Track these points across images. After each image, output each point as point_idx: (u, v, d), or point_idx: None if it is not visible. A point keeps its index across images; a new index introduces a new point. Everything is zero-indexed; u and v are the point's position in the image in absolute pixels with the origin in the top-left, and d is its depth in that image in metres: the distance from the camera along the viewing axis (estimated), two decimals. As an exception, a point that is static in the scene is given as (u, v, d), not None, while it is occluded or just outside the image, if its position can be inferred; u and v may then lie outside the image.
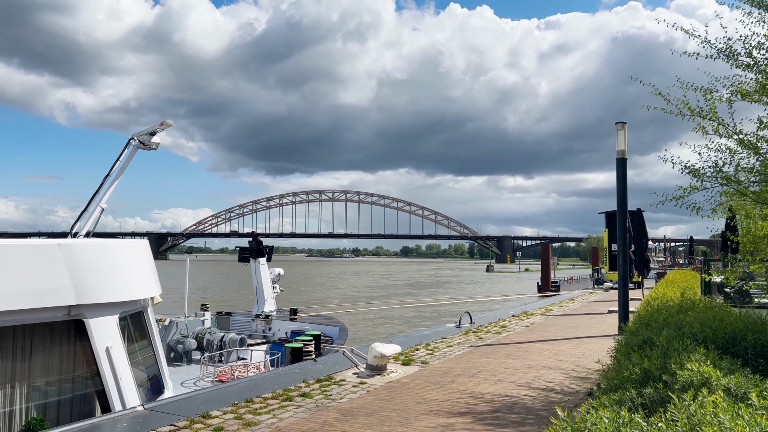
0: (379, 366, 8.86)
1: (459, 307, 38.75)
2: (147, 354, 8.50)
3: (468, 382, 8.25)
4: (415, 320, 32.55)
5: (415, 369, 9.30)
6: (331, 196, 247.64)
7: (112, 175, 11.68)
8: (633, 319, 8.84)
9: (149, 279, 8.51)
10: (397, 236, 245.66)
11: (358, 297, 49.34)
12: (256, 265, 18.04)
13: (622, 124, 13.28)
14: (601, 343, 11.91)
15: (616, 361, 5.92)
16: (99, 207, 11.39)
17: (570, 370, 9.03)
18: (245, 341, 14.85)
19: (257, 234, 19.05)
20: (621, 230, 13.16)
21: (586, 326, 14.79)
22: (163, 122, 12.07)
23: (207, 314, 16.19)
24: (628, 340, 6.52)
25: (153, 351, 8.57)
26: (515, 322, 15.93)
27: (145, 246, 8.75)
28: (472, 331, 13.71)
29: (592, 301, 23.34)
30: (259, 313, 17.43)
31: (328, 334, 15.62)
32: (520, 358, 10.14)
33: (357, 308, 31.58)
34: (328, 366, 9.30)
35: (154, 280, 8.74)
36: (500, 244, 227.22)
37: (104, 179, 11.53)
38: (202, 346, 14.83)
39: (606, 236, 34.42)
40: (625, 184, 13.17)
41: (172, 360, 14.77)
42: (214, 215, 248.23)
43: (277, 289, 18.97)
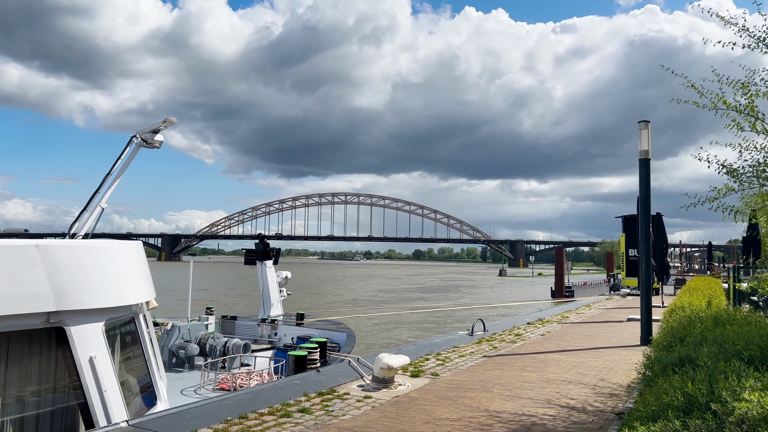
0: (385, 378, 8.26)
1: (471, 313, 38.01)
2: (139, 364, 7.96)
3: (481, 397, 7.63)
4: (426, 326, 31.91)
5: (424, 381, 8.69)
6: (344, 199, 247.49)
7: (113, 174, 11.20)
8: (661, 330, 8.18)
9: (142, 283, 7.97)
10: (409, 239, 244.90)
11: (368, 301, 48.77)
12: (263, 268, 17.52)
13: (645, 123, 12.61)
14: (623, 354, 11.22)
15: (650, 381, 5.28)
16: (99, 207, 10.92)
17: (592, 385, 8.37)
18: (249, 347, 14.32)
19: (264, 236, 18.55)
20: (644, 234, 12.47)
21: (605, 335, 14.08)
22: (166, 119, 11.59)
23: (211, 318, 15.69)
24: (660, 356, 5.87)
25: (145, 360, 8.03)
26: (530, 329, 15.25)
27: (137, 248, 8.22)
28: (486, 340, 13.07)
29: (609, 308, 22.57)
30: (265, 318, 16.90)
31: (334, 340, 15.04)
32: (537, 371, 9.49)
33: (366, 313, 30.99)
34: (331, 377, 8.72)
35: (147, 284, 8.20)
36: (513, 248, 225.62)
37: (105, 178, 11.06)
38: (204, 351, 14.33)
39: (623, 241, 33.53)
40: (648, 186, 12.49)
41: (174, 366, 14.28)
42: (227, 217, 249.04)
43: (284, 292, 18.44)
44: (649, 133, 12.63)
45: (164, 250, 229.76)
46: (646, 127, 12.61)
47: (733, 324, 6.62)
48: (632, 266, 32.98)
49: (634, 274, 32.85)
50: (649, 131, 12.62)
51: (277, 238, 28.46)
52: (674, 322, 8.17)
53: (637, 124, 12.67)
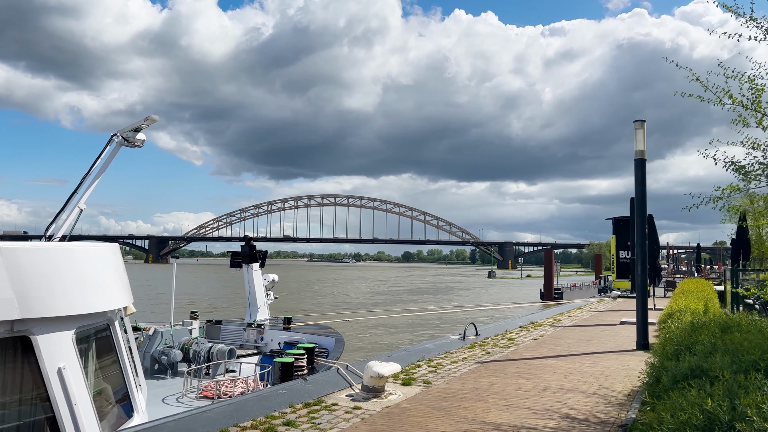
0: (375, 387, 7.87)
1: (461, 315, 37.69)
2: (114, 374, 7.50)
3: (477, 407, 7.26)
4: (416, 329, 31.54)
5: (416, 390, 8.31)
6: (333, 201, 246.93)
7: (92, 174, 10.72)
8: (662, 336, 7.87)
9: (117, 287, 7.51)
10: (398, 241, 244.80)
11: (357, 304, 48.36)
12: (249, 271, 17.06)
13: (641, 123, 12.33)
14: (620, 360, 10.91)
15: (660, 393, 4.94)
16: (77, 208, 10.45)
17: (592, 393, 8.03)
18: (234, 353, 13.86)
19: (250, 238, 18.09)
20: (640, 236, 12.17)
21: (599, 339, 13.78)
22: (148, 117, 11.14)
23: (195, 323, 15.21)
24: (668, 365, 5.53)
25: (121, 370, 7.57)
26: (523, 333, 14.92)
27: (112, 250, 7.76)
28: (478, 345, 12.71)
29: (601, 311, 22.32)
30: (251, 322, 16.44)
31: (323, 345, 14.63)
32: (533, 378, 9.14)
33: (355, 317, 30.57)
34: (319, 386, 8.31)
35: (123, 289, 7.74)
36: (502, 250, 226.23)
37: (84, 178, 10.59)
38: (188, 357, 13.85)
39: (613, 243, 33.43)
40: (644, 186, 12.20)
41: (156, 372, 13.79)
42: (216, 219, 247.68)
43: (271, 296, 17.98)
44: (645, 133, 12.35)
45: (151, 252, 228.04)
46: (642, 126, 12.33)
47: (742, 331, 6.31)
48: (623, 268, 32.85)
49: (625, 276, 32.75)
50: (644, 131, 12.34)
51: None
52: (676, 327, 7.86)
53: (633, 124, 12.39)
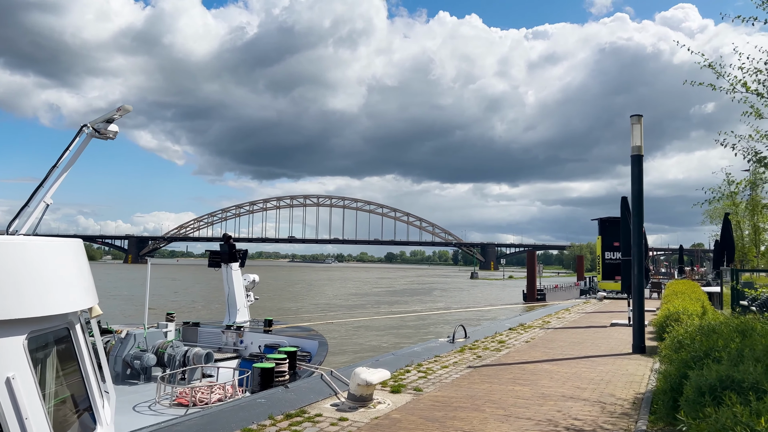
0: (363, 396, 7.28)
1: (447, 316, 37.20)
2: (75, 382, 6.79)
3: (473, 418, 6.70)
4: (402, 331, 30.97)
5: (406, 398, 7.73)
6: (316, 201, 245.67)
7: (59, 167, 9.95)
8: (668, 340, 7.39)
9: (79, 288, 6.79)
10: (381, 242, 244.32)
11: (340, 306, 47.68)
12: (228, 271, 16.35)
13: (638, 117, 11.89)
14: (618, 364, 10.44)
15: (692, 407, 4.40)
16: (43, 202, 9.69)
17: (594, 401, 7.51)
18: (212, 356, 13.16)
19: (229, 236, 17.37)
20: (636, 235, 11.73)
21: (592, 342, 13.33)
22: (121, 107, 10.40)
23: (171, 325, 14.46)
24: (690, 374, 5.01)
25: (83, 378, 6.87)
26: (513, 336, 14.43)
27: (74, 246, 7.04)
28: (468, 348, 12.18)
29: (589, 312, 21.96)
30: (230, 324, 15.73)
31: (305, 348, 13.99)
32: (529, 384, 8.62)
33: (339, 318, 29.91)
34: (301, 394, 7.69)
35: (86, 289, 7.02)
36: (484, 251, 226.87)
37: (50, 171, 9.84)
38: (162, 361, 13.12)
39: (599, 244, 33.13)
40: (640, 183, 11.76)
41: (128, 378, 13.04)
42: (197, 219, 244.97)
43: (251, 297, 17.28)
44: (642, 128, 11.91)
45: (131, 253, 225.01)
46: (639, 121, 11.90)
47: (763, 335, 5.81)
48: (609, 269, 32.57)
49: (611, 277, 32.48)
50: (641, 126, 11.91)
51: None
52: (684, 331, 7.37)
53: (630, 119, 11.95)
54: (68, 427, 6.44)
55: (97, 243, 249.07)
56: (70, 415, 6.65)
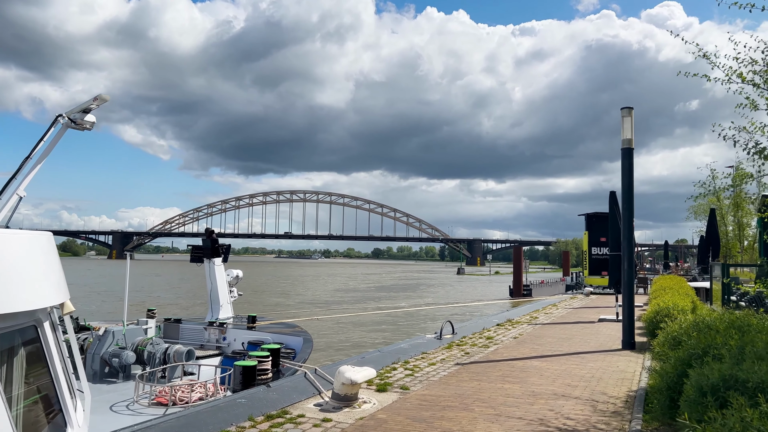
0: (348, 395, 7.00)
1: (433, 312, 37.04)
2: (43, 384, 6.45)
3: (462, 418, 6.45)
4: (389, 327, 30.74)
5: (392, 397, 7.46)
6: (303, 197, 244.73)
7: (33, 158, 9.54)
8: (662, 337, 7.21)
9: (49, 283, 6.44)
10: (368, 238, 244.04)
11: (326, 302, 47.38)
12: (211, 266, 15.99)
13: (628, 110, 11.70)
14: (608, 361, 10.25)
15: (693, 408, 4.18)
16: (16, 195, 9.29)
17: (586, 399, 7.30)
18: (193, 354, 12.82)
19: (212, 231, 17.00)
20: (627, 229, 11.55)
21: (581, 338, 13.16)
22: (98, 97, 10.00)
23: (151, 322, 14.10)
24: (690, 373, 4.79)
25: (52, 379, 6.52)
26: (501, 332, 14.23)
27: (43, 240, 6.68)
28: (456, 344, 11.95)
29: (576, 308, 21.86)
30: (213, 321, 15.38)
31: (290, 345, 13.70)
32: (519, 382, 8.39)
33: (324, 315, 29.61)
34: (284, 394, 7.40)
35: (56, 284, 6.67)
36: (470, 246, 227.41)
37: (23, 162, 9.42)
38: (142, 359, 12.77)
39: (586, 239, 33.10)
40: (631, 177, 11.58)
41: (107, 376, 12.67)
42: (182, 214, 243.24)
43: (234, 293, 16.93)
44: (633, 120, 11.73)
45: (115, 248, 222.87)
46: (629, 114, 11.71)
47: (760, 331, 5.61)
48: (596, 264, 32.59)
49: (598, 273, 32.43)
50: (632, 119, 11.72)
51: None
52: (678, 327, 7.18)
53: (620, 111, 11.76)
54: (37, 430, 6.10)
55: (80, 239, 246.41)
56: (38, 418, 6.30)
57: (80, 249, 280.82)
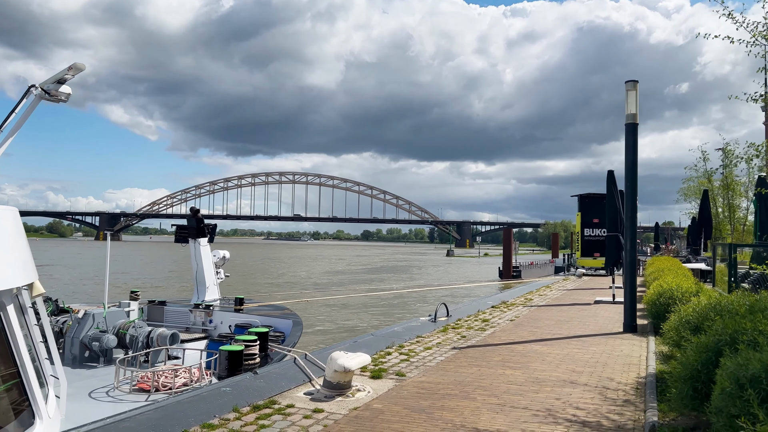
0: (340, 383, 6.52)
1: (425, 294, 36.71)
2: (8, 373, 5.91)
3: (464, 407, 6.00)
4: (381, 309, 30.35)
5: (388, 385, 7.00)
6: (292, 179, 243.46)
7: (4, 131, 8.90)
8: (676, 321, 6.78)
9: (13, 262, 5.86)
10: (358, 220, 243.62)
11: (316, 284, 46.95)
12: (196, 247, 15.40)
13: (633, 83, 11.19)
14: (610, 344, 9.86)
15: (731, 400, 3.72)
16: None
17: (593, 386, 6.88)
18: (178, 337, 12.26)
19: (197, 210, 16.39)
20: (630, 209, 11.10)
21: (579, 321, 12.78)
22: (72, 66, 9.31)
23: (133, 304, 13.52)
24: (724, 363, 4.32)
25: (18, 367, 5.98)
26: (497, 314, 13.83)
27: (7, 216, 6.10)
28: (451, 327, 11.52)
29: (570, 290, 21.53)
30: (199, 303, 14.84)
31: (279, 328, 13.21)
32: (521, 367, 7.96)
33: (314, 297, 29.14)
34: (271, 381, 6.91)
35: (23, 264, 6.10)
36: (460, 229, 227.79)
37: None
38: (124, 343, 12.22)
39: (579, 220, 32.84)
40: (635, 153, 11.10)
41: (87, 360, 12.12)
42: (170, 196, 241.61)
43: (221, 274, 16.37)
44: (637, 95, 11.22)
45: (102, 229, 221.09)
46: (634, 87, 11.20)
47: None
48: (588, 246, 32.36)
49: (590, 254, 32.28)
50: (637, 93, 11.21)
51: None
52: (692, 310, 6.74)
53: (624, 85, 11.24)
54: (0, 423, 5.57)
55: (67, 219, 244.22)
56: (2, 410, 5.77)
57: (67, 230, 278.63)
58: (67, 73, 9.32)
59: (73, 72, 9.32)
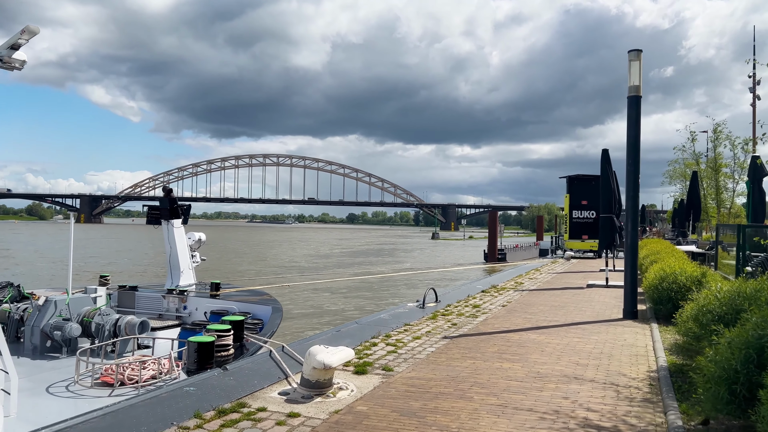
0: (320, 382, 5.75)
1: (412, 278, 36.07)
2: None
3: (460, 409, 5.27)
4: (366, 294, 29.64)
5: (374, 381, 6.24)
6: (276, 161, 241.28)
7: None
8: (694, 310, 6.09)
9: None
10: (343, 203, 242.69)
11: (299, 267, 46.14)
12: (170, 229, 14.49)
13: (636, 53, 10.43)
14: (612, 332, 9.21)
15: None
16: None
17: (602, 382, 6.18)
18: (148, 325, 11.40)
19: (170, 189, 15.44)
20: (632, 187, 10.39)
21: (575, 306, 12.14)
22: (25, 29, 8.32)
23: (101, 290, 12.62)
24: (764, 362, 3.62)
25: None
26: (488, 299, 13.15)
27: None
28: (441, 314, 10.81)
29: (560, 273, 20.96)
30: (173, 288, 13.97)
31: (257, 315, 12.42)
32: (519, 359, 7.25)
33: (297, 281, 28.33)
34: (243, 379, 6.13)
35: None
36: (445, 212, 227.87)
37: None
38: (89, 332, 11.35)
39: (567, 202, 32.24)
40: (638, 128, 10.37)
41: (48, 351, 11.25)
42: (152, 178, 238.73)
43: (197, 257, 15.50)
44: (641, 65, 10.46)
45: (83, 212, 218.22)
46: (638, 57, 10.43)
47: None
48: (576, 228, 31.80)
49: (578, 237, 31.73)
50: (640, 63, 10.45)
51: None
52: (713, 298, 6.05)
53: (627, 54, 10.47)
54: None
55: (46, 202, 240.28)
56: None
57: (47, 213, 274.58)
58: (20, 38, 8.25)
59: (27, 36, 8.26)
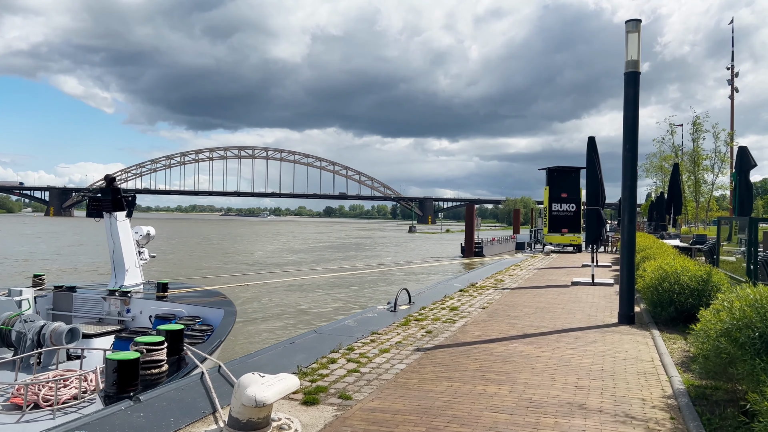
0: (252, 421, 4.40)
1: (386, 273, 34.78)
2: None
3: (433, 461, 3.98)
4: (335, 292, 28.25)
5: (325, 416, 4.92)
6: (252, 153, 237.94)
7: None
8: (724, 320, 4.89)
9: None
10: (319, 196, 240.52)
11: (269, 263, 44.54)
12: (112, 222, 12.97)
13: (635, 23, 9.23)
14: (610, 341, 8.01)
15: None
16: None
17: (611, 413, 4.94)
18: (78, 333, 9.92)
19: (113, 178, 13.89)
20: (629, 176, 9.21)
21: (562, 308, 10.96)
22: None
23: (27, 291, 11.10)
24: None
25: None
26: (466, 300, 11.93)
27: None
28: (414, 319, 9.53)
29: (541, 268, 19.86)
30: (115, 289, 12.48)
31: (208, 320, 11.01)
32: (506, 380, 5.99)
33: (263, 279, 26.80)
34: (156, 415, 4.77)
35: None
36: (422, 205, 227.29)
37: None
38: (9, 341, 9.85)
39: (546, 194, 31.23)
40: (636, 107, 9.18)
41: (-40, 364, 9.71)
42: (124, 170, 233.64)
43: (145, 254, 13.99)
44: (640, 38, 9.26)
45: (53, 205, 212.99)
46: (636, 28, 9.23)
47: None
48: (556, 221, 30.83)
49: (558, 230, 30.75)
50: (639, 35, 9.25)
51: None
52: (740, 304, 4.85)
53: (625, 25, 9.26)
54: None
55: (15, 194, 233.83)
56: None
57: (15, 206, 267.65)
58: None
59: None
